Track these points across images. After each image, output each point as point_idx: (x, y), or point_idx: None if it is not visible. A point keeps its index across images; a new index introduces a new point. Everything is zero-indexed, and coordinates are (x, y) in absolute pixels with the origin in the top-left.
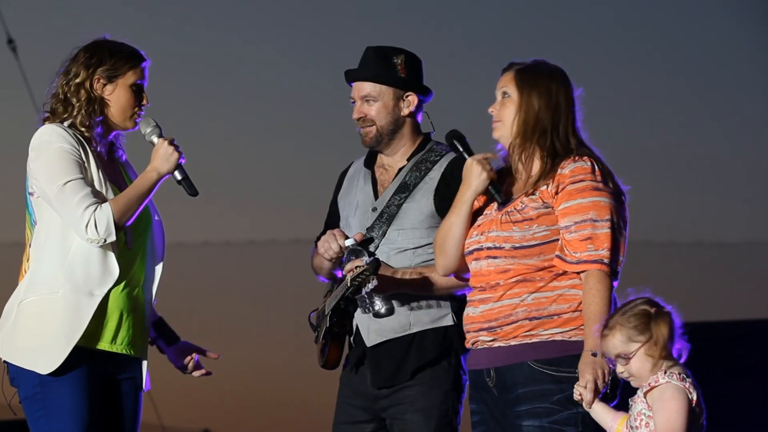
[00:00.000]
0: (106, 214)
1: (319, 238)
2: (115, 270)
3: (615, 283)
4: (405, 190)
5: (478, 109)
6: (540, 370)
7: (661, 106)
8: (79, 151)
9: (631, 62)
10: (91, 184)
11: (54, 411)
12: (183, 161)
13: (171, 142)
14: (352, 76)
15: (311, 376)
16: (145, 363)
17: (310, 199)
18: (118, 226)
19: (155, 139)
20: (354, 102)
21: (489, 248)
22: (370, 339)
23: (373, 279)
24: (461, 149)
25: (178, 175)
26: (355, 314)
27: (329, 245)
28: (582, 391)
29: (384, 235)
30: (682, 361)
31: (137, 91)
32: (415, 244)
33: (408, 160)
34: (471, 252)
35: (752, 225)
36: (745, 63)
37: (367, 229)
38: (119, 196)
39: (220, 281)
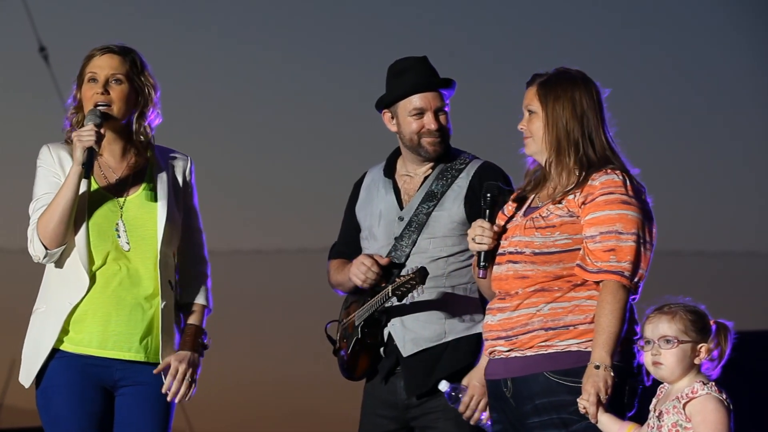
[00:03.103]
0: (34, 232)
1: (333, 249)
2: (84, 278)
3: (636, 297)
4: (432, 198)
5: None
6: (556, 381)
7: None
8: (54, 167)
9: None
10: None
11: (52, 418)
12: (89, 144)
13: (78, 133)
14: (429, 86)
15: (340, 385)
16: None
17: (341, 209)
18: (47, 240)
19: None
20: (421, 113)
21: (511, 252)
22: (407, 349)
23: (420, 288)
24: (486, 207)
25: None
26: (388, 324)
27: (366, 277)
28: (585, 404)
29: (414, 244)
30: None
31: (92, 84)
32: (447, 252)
33: (432, 168)
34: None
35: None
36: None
37: (395, 238)
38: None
39: (249, 290)
